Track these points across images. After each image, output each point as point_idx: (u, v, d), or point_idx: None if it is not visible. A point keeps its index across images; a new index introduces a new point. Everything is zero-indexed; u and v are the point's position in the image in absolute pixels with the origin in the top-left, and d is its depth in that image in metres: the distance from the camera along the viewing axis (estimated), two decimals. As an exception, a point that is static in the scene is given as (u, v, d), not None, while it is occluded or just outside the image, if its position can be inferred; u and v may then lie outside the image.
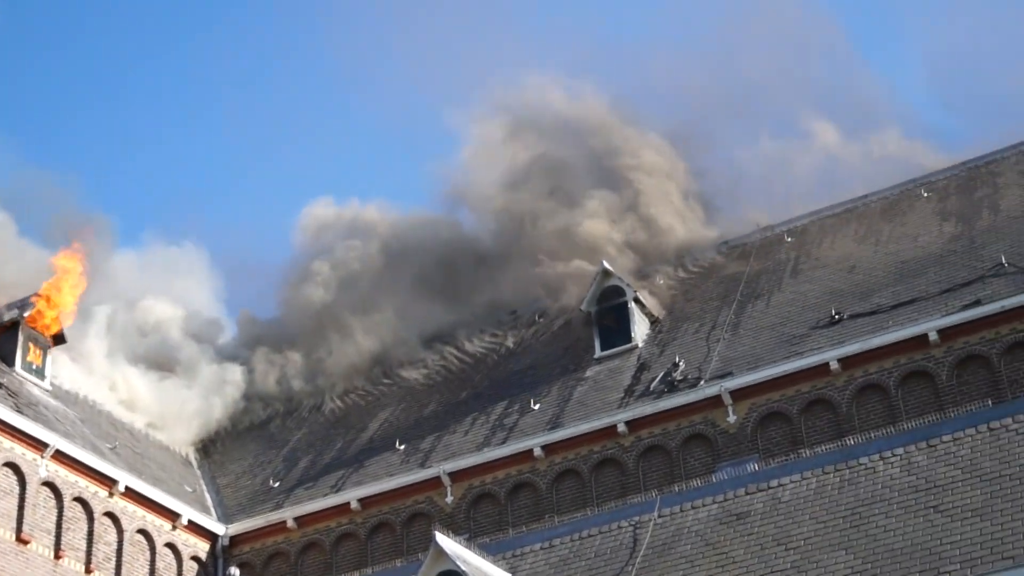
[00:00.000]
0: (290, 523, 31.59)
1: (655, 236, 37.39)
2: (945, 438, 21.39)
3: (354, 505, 31.14)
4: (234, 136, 75.38)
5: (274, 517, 31.82)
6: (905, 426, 23.98)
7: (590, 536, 23.37)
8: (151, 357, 36.94)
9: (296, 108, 74.70)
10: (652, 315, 33.43)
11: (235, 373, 37.50)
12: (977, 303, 27.40)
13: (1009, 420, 20.99)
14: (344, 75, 74.32)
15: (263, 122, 74.88)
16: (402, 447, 32.30)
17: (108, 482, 29.45)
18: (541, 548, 23.68)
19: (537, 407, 31.30)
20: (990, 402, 24.53)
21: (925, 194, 34.45)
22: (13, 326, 31.04)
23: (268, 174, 74.24)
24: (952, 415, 23.28)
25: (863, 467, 21.76)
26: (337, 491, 31.62)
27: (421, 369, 36.31)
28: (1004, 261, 28.47)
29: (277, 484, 33.17)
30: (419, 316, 37.96)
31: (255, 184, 74.89)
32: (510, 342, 35.77)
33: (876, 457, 21.80)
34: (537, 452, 29.78)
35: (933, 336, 27.26)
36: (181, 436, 35.76)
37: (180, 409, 35.92)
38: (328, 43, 73.16)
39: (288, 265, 42.96)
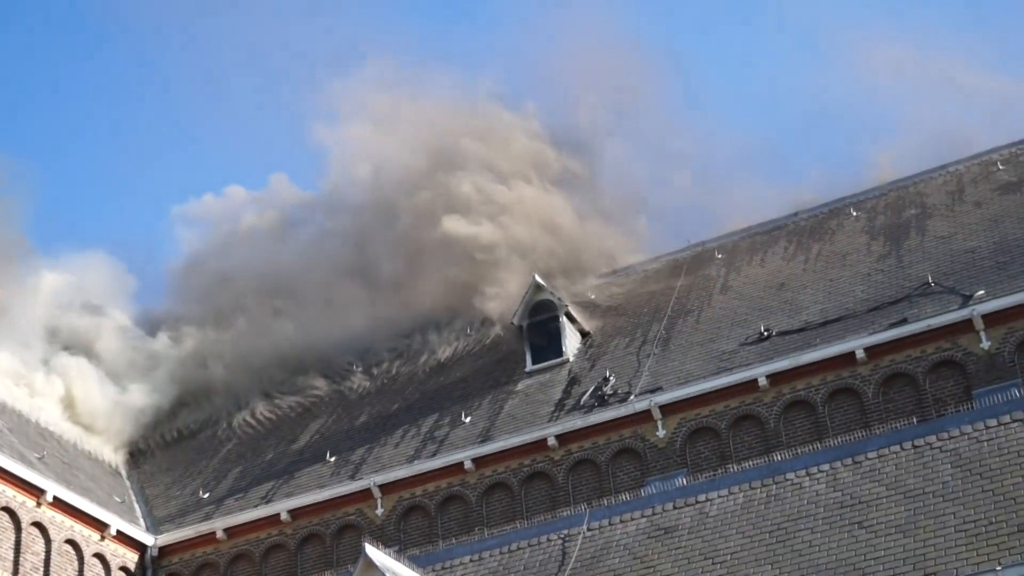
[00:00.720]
0: (219, 534, 31.48)
1: (582, 250, 37.69)
2: (870, 455, 21.68)
3: (284, 516, 31.09)
4: (109, 145, 74.37)
5: (203, 528, 31.70)
6: (831, 442, 24.27)
7: (519, 549, 23.50)
8: (72, 345, 36.81)
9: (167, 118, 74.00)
10: (583, 329, 33.63)
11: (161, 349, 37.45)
12: (904, 321, 27.80)
13: (933, 438, 21.32)
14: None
15: (134, 130, 74.17)
16: (333, 459, 32.28)
17: (36, 492, 29.23)
18: (471, 560, 23.77)
19: (468, 420, 31.40)
20: (915, 420, 24.77)
21: (854, 213, 34.86)
22: None
23: (139, 184, 73.43)
24: (878, 432, 23.59)
25: (789, 483, 22.02)
26: (267, 502, 31.56)
27: (349, 380, 36.33)
28: (931, 280, 28.89)
29: (207, 495, 33.04)
30: (338, 322, 37.99)
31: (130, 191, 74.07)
32: (441, 355, 35.84)
33: (803, 473, 22.07)
34: (468, 465, 29.88)
35: (860, 354, 27.61)
36: (115, 426, 35.59)
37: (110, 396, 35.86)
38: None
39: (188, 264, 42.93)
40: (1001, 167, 33.91)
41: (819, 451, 22.94)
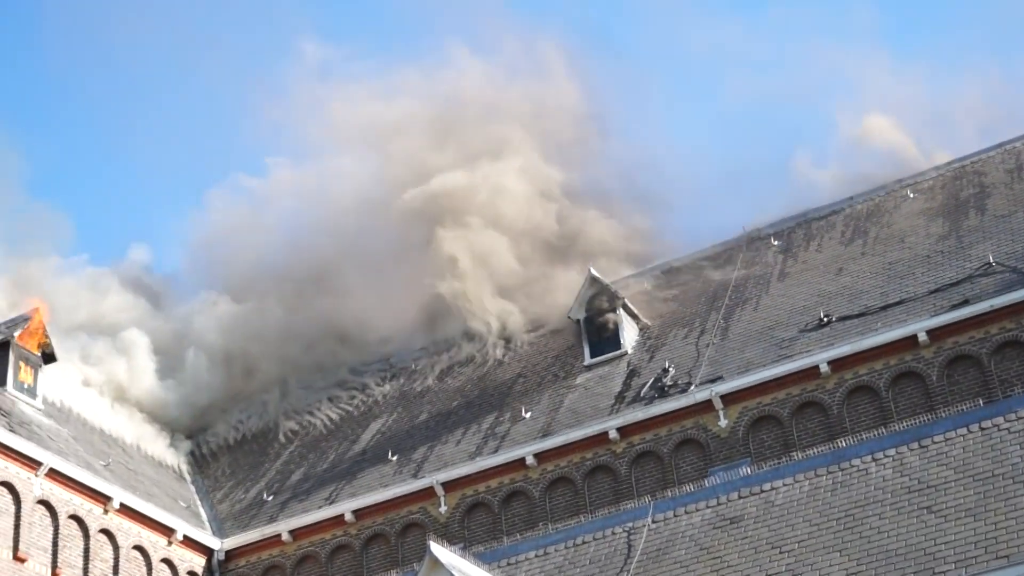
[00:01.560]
0: (285, 536, 31.59)
1: (640, 242, 37.62)
2: (937, 438, 21.43)
3: (348, 517, 31.16)
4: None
5: (269, 531, 31.83)
6: (896, 427, 23.97)
7: (584, 543, 23.38)
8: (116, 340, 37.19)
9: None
10: (641, 321, 33.51)
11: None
12: (965, 303, 27.50)
13: (1000, 419, 21.04)
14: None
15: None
16: (395, 457, 32.33)
17: (103, 499, 29.44)
18: (536, 556, 23.68)
19: (528, 415, 31.34)
20: (981, 401, 24.54)
21: (911, 195, 34.55)
22: (3, 345, 31.02)
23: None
24: (943, 415, 23.31)
25: (855, 469, 21.80)
26: (331, 503, 31.65)
27: (409, 379, 36.38)
28: (992, 260, 28.58)
29: (271, 497, 33.17)
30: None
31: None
32: (499, 352, 35.80)
33: (868, 458, 21.83)
34: (529, 460, 29.83)
35: (922, 337, 27.36)
36: (173, 416, 35.87)
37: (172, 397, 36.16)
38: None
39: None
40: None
41: (884, 436, 22.64)
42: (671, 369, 30.36)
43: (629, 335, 32.90)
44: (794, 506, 21.59)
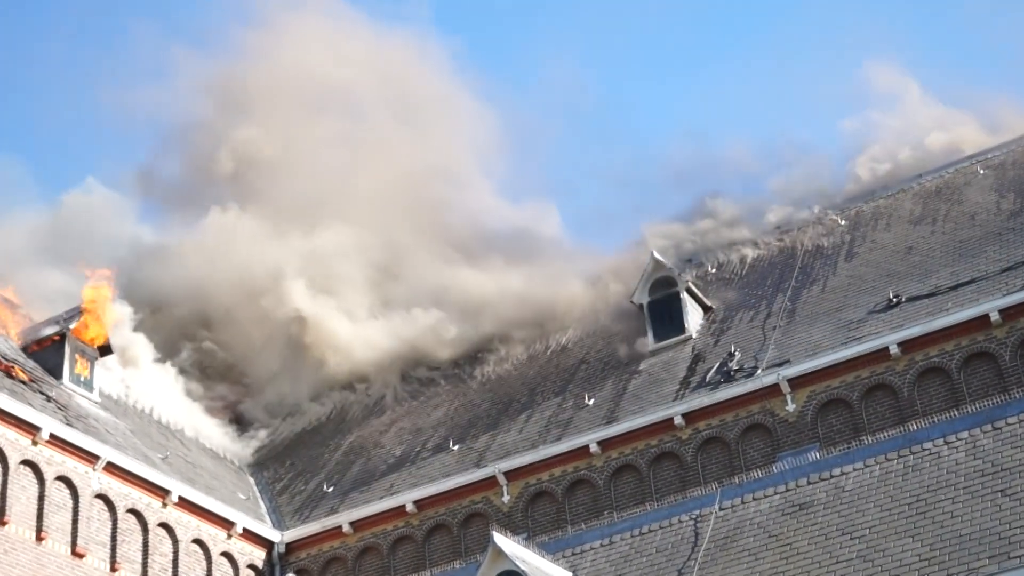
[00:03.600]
0: (346, 527, 31.28)
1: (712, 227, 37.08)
2: (1011, 420, 20.81)
3: (410, 507, 30.80)
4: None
5: (329, 522, 31.52)
6: (969, 409, 23.33)
7: (650, 531, 22.92)
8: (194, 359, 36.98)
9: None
10: (705, 304, 32.89)
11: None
12: (1040, 280, 26.79)
13: (1078, 399, 20.41)
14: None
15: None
16: (456, 447, 31.94)
17: (161, 492, 29.24)
18: (601, 545, 23.26)
19: (591, 402, 30.84)
20: (1058, 381, 23.92)
21: (981, 171, 33.76)
22: (60, 339, 30.89)
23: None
24: (1017, 396, 22.64)
25: (927, 452, 21.22)
26: (392, 494, 31.30)
27: (469, 367, 36.01)
28: (1066, 236, 27.83)
29: (331, 488, 32.87)
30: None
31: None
32: (560, 336, 35.34)
33: (940, 442, 21.24)
34: (593, 448, 29.33)
35: (995, 316, 26.66)
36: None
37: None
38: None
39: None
40: None
41: (956, 419, 22.02)
42: (737, 353, 29.77)
43: (694, 319, 32.30)
44: (864, 491, 21.05)
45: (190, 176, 44.72)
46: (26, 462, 26.92)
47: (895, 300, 28.84)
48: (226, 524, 30.58)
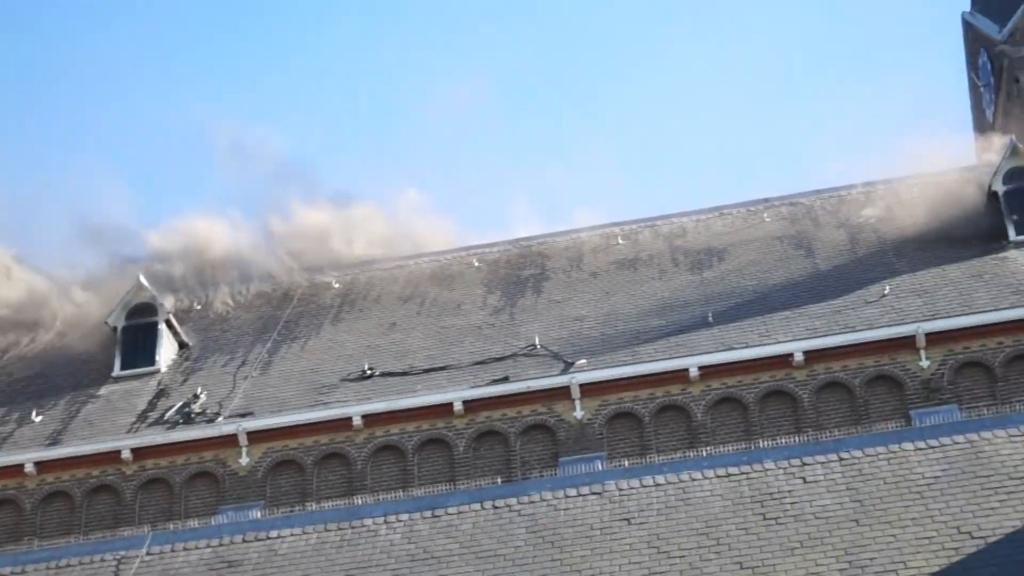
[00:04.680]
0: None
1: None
2: (451, 510, 21.14)
3: None
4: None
5: None
6: (415, 492, 23.72)
7: (69, 566, 21.78)
8: None
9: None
10: (182, 340, 31.99)
11: None
12: (505, 379, 27.60)
13: (514, 500, 20.96)
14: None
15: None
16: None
17: None
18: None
19: (39, 419, 29.30)
20: (499, 480, 24.70)
21: (476, 264, 34.57)
22: None
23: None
24: (462, 487, 23.20)
25: (366, 529, 21.24)
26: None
27: None
28: (537, 343, 28.82)
29: None
30: None
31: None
32: (29, 345, 33.53)
33: (381, 520, 21.33)
34: (29, 468, 27.77)
35: (458, 407, 27.30)
36: None
37: None
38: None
39: None
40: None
41: (401, 500, 22.29)
42: (203, 395, 29.10)
43: (167, 352, 31.34)
44: (297, 557, 20.86)
45: None
46: None
47: (369, 372, 29.02)
48: None
